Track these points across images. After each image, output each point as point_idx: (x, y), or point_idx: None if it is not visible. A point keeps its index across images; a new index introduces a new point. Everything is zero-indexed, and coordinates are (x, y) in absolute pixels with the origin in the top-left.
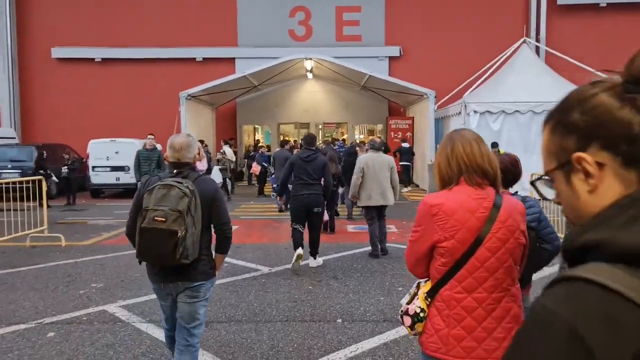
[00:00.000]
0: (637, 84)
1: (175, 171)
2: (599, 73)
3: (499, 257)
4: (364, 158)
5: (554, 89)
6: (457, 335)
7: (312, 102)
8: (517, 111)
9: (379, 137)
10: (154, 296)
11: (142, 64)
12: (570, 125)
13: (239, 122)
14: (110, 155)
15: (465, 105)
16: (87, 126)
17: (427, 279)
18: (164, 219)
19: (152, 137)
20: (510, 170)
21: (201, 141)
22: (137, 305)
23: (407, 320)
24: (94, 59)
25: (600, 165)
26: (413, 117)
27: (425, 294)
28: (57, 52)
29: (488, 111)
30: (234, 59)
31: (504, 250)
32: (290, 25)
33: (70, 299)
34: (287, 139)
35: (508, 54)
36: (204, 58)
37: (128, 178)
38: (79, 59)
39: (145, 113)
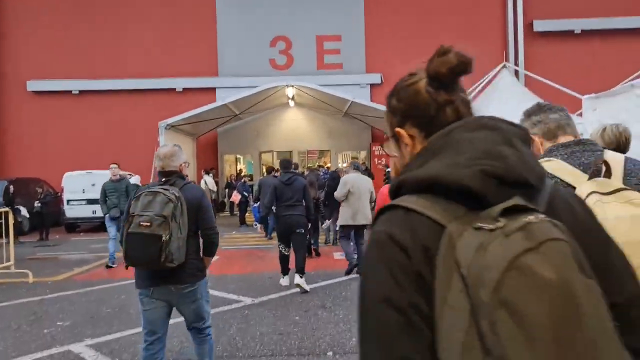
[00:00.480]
0: (433, 80)
1: (163, 179)
2: (576, 94)
3: None
4: (350, 179)
5: None
6: None
7: (294, 130)
8: None
9: (363, 163)
10: (125, 333)
11: (120, 95)
12: (393, 109)
13: (220, 152)
14: (86, 188)
15: None
16: (64, 159)
17: None
18: (148, 224)
19: (116, 166)
20: None
21: None
22: (107, 344)
23: None
24: (70, 91)
25: (412, 137)
26: None
27: None
28: (33, 85)
29: None
30: (214, 88)
31: None
32: (271, 54)
33: (33, 339)
34: (272, 166)
35: (489, 78)
36: (184, 89)
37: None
38: (55, 91)
39: (124, 145)
